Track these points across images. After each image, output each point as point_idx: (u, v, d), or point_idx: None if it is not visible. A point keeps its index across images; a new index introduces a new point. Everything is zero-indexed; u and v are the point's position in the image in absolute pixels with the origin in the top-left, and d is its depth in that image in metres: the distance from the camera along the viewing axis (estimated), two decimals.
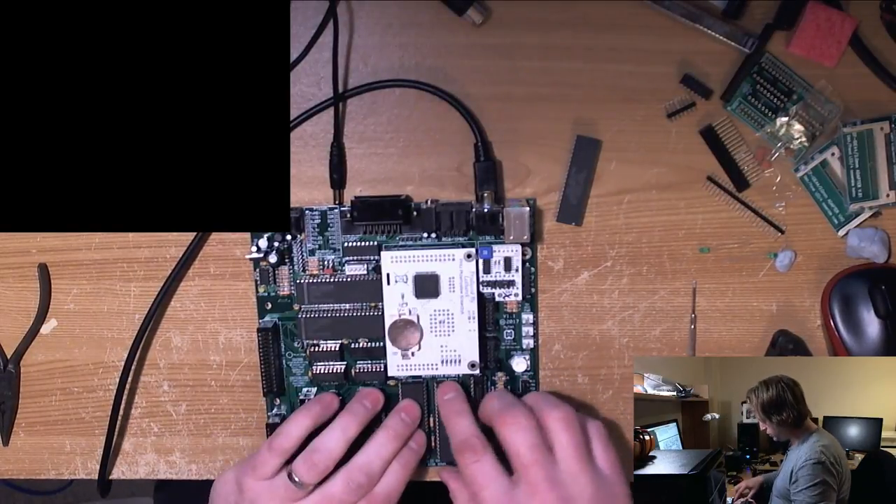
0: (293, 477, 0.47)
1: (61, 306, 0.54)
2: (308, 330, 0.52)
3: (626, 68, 0.50)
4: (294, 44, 0.50)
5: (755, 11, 0.50)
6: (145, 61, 0.39)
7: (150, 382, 0.55)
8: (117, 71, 0.39)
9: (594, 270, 0.53)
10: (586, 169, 0.51)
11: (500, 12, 0.50)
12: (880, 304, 0.50)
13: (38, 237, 0.53)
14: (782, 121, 0.50)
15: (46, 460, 0.56)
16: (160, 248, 0.53)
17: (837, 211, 0.52)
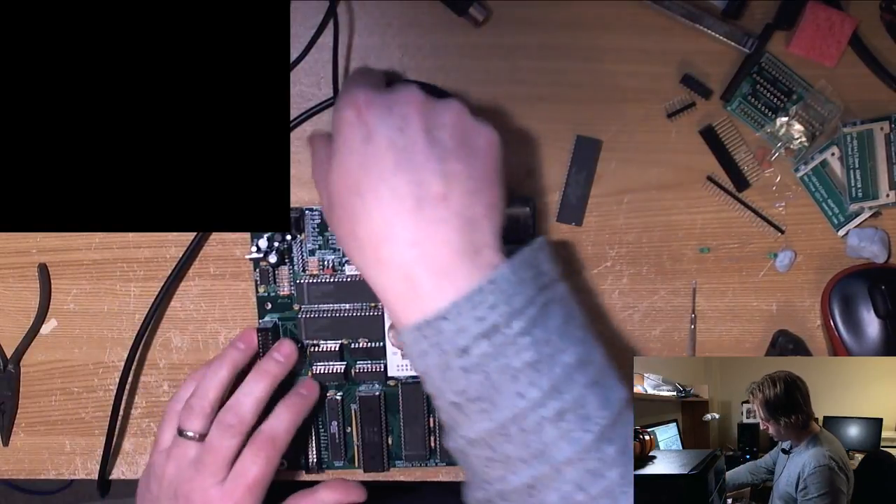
0: (184, 432, 0.48)
1: (61, 306, 0.54)
2: (308, 330, 0.52)
3: (626, 68, 0.50)
4: (294, 44, 0.50)
5: (755, 11, 0.50)
6: (145, 61, 0.39)
7: (150, 382, 0.55)
8: (117, 71, 0.39)
9: (594, 270, 0.53)
10: (586, 169, 0.51)
11: (500, 12, 0.50)
12: (880, 304, 0.50)
13: (38, 237, 0.53)
14: (782, 121, 0.50)
15: (46, 460, 0.56)
16: (160, 248, 0.53)
17: (837, 211, 0.52)
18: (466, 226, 0.38)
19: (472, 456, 0.39)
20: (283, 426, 0.49)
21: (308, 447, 0.53)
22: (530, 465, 0.37)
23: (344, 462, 0.54)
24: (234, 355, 0.51)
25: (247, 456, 0.48)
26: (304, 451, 0.54)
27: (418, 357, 0.38)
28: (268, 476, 0.48)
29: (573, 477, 0.37)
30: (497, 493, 0.39)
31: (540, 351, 0.37)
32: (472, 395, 0.37)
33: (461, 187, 0.39)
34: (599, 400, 0.38)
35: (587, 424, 0.37)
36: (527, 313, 0.37)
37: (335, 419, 0.53)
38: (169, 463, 0.49)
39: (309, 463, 0.54)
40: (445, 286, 0.38)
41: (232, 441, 0.48)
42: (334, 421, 0.53)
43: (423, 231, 0.38)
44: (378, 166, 0.38)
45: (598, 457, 0.37)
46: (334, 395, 0.53)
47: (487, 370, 0.37)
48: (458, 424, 0.39)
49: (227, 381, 0.50)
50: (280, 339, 0.52)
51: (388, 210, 0.38)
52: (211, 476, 0.47)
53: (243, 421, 0.48)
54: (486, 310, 0.37)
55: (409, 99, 0.40)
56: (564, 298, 0.40)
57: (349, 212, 0.39)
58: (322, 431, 0.54)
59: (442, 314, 0.37)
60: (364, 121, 0.39)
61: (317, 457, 0.54)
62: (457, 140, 0.40)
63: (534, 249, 0.40)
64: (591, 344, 0.40)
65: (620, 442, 0.38)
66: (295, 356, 0.51)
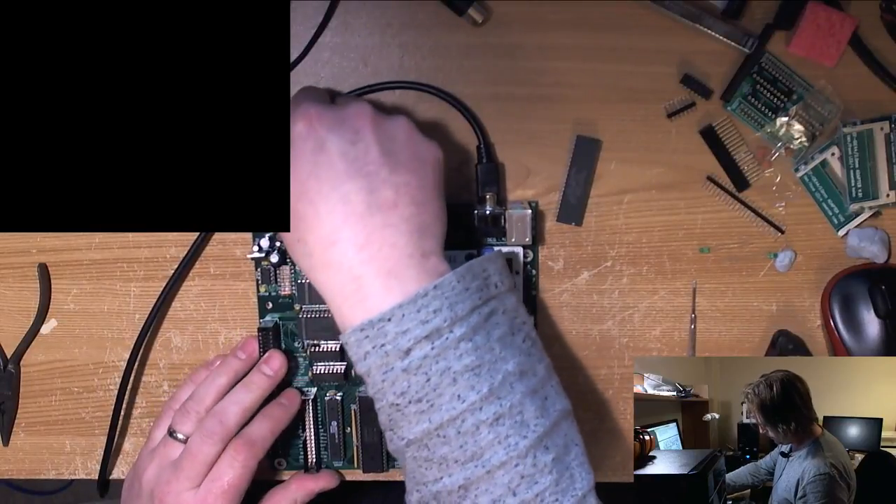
0: (174, 433, 0.48)
1: (61, 306, 0.54)
2: (309, 330, 0.52)
3: (626, 68, 0.50)
4: (294, 44, 0.50)
5: (755, 11, 0.50)
6: (145, 61, 0.39)
7: (150, 382, 0.55)
8: (118, 71, 0.39)
9: (594, 270, 0.53)
10: (586, 169, 0.51)
11: (500, 12, 0.50)
12: (880, 304, 0.50)
13: (38, 237, 0.53)
14: (782, 121, 0.50)
15: (46, 460, 0.56)
16: (160, 248, 0.53)
17: (837, 211, 0.52)
18: (415, 232, 0.40)
19: (409, 457, 0.39)
20: (262, 433, 0.49)
21: (307, 447, 0.54)
22: (465, 466, 0.38)
23: (343, 462, 0.54)
24: (234, 364, 0.51)
25: (223, 461, 0.48)
26: (304, 451, 0.54)
27: (360, 359, 0.39)
28: (243, 482, 0.48)
29: (506, 481, 0.37)
30: (432, 494, 0.39)
31: (481, 357, 0.38)
32: (412, 397, 0.38)
33: (411, 197, 0.40)
34: (538, 408, 0.39)
35: (523, 430, 0.38)
36: (470, 320, 0.38)
37: (335, 419, 0.53)
38: (151, 463, 0.49)
39: (308, 463, 0.54)
40: (393, 287, 0.38)
41: (212, 448, 0.47)
42: (334, 421, 0.53)
43: (372, 235, 0.39)
44: (330, 175, 0.39)
45: (533, 462, 0.38)
46: (334, 396, 0.53)
47: (428, 372, 0.37)
48: (398, 426, 0.39)
49: (224, 388, 0.50)
50: (271, 351, 0.51)
51: (339, 216, 0.39)
52: (187, 480, 0.47)
53: (226, 429, 0.48)
54: (430, 313, 0.37)
55: (360, 113, 0.41)
56: (512, 310, 0.41)
57: (300, 219, 0.40)
58: (321, 431, 0.54)
59: (386, 315, 0.38)
60: (316, 133, 0.40)
61: (316, 457, 0.54)
62: (408, 153, 0.41)
63: (483, 260, 0.40)
64: (536, 357, 0.41)
65: (557, 451, 0.39)
66: (284, 369, 0.51)
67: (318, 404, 0.53)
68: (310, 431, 0.53)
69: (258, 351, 0.52)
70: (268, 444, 0.49)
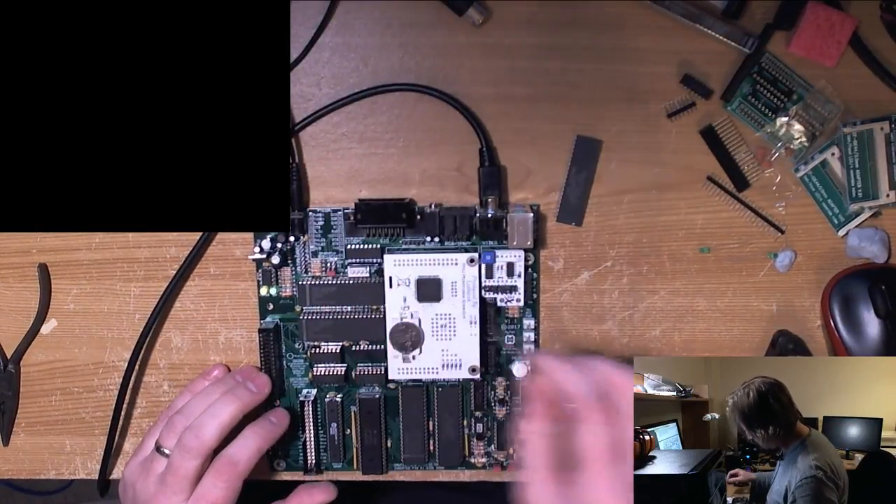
0: (160, 448, 0.48)
1: (61, 306, 0.54)
2: (309, 331, 0.52)
3: (626, 68, 0.50)
4: (294, 44, 0.50)
5: (755, 11, 0.50)
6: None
7: (150, 382, 0.55)
8: (118, 71, 0.39)
9: (594, 270, 0.53)
10: (586, 169, 0.51)
11: (500, 12, 0.50)
12: (880, 304, 0.50)
13: (38, 237, 0.53)
14: (782, 121, 0.50)
15: (46, 460, 0.56)
16: (160, 248, 0.53)
17: (837, 211, 0.52)
18: None
19: None
20: (247, 453, 0.48)
21: (307, 449, 0.54)
22: None
23: (343, 464, 0.54)
24: (230, 383, 0.50)
25: (207, 480, 0.47)
26: (303, 453, 0.54)
27: None
28: (229, 500, 0.47)
29: None
30: None
31: None
32: None
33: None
34: None
35: None
36: None
37: (335, 421, 0.53)
38: (140, 475, 0.49)
39: (308, 464, 0.54)
40: None
41: (192, 462, 0.47)
42: (334, 423, 0.53)
43: None
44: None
45: None
46: (334, 397, 0.53)
47: None
48: None
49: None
50: (256, 371, 0.52)
51: None
52: (173, 495, 0.47)
53: (204, 444, 0.47)
54: None
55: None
56: None
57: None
58: (321, 433, 0.54)
59: None
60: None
61: (315, 458, 0.54)
62: None
63: None
64: None
65: None
66: (268, 390, 0.51)
67: (318, 406, 0.53)
68: (309, 433, 0.53)
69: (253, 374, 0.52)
70: (252, 463, 0.48)
